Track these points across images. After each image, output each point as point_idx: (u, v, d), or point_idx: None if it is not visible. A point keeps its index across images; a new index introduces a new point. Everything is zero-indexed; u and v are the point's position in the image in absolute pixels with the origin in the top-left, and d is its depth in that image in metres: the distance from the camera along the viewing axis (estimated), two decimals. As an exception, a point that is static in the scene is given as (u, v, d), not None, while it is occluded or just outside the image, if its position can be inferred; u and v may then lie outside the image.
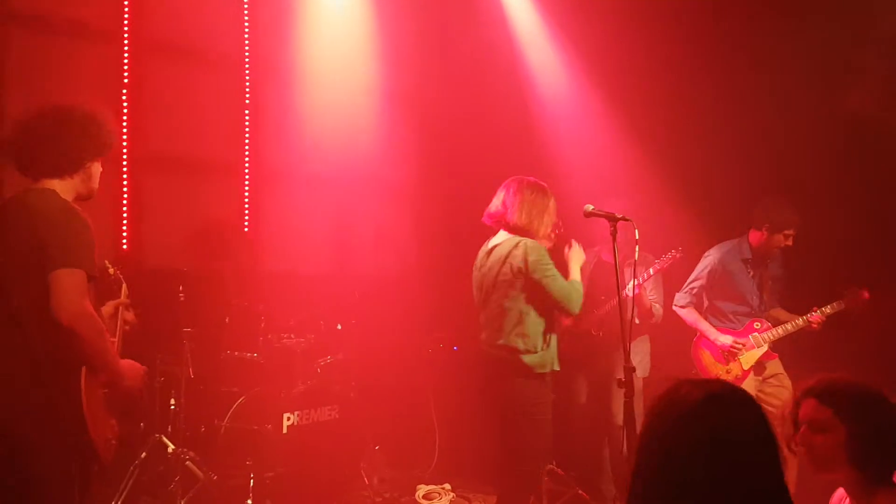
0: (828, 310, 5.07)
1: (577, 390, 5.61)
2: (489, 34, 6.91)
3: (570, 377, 5.48)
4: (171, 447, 5.09)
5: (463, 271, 4.56)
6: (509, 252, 4.16)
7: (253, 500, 4.88)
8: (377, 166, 7.12)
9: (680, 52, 5.97)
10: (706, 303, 5.41)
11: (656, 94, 6.10)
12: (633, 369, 3.78)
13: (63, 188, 3.03)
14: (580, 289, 4.25)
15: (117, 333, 3.32)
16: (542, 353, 4.15)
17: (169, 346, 5.22)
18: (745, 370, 5.17)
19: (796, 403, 2.59)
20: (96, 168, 3.14)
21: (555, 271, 4.14)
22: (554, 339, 4.24)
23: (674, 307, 5.42)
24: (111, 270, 3.54)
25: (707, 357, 5.28)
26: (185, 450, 5.09)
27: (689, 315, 5.37)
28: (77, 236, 2.88)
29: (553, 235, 4.36)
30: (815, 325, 5.08)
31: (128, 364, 3.10)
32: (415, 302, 6.14)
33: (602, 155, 6.24)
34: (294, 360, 5.39)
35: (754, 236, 5.29)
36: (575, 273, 4.31)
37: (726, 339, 5.23)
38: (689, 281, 5.41)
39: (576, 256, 4.38)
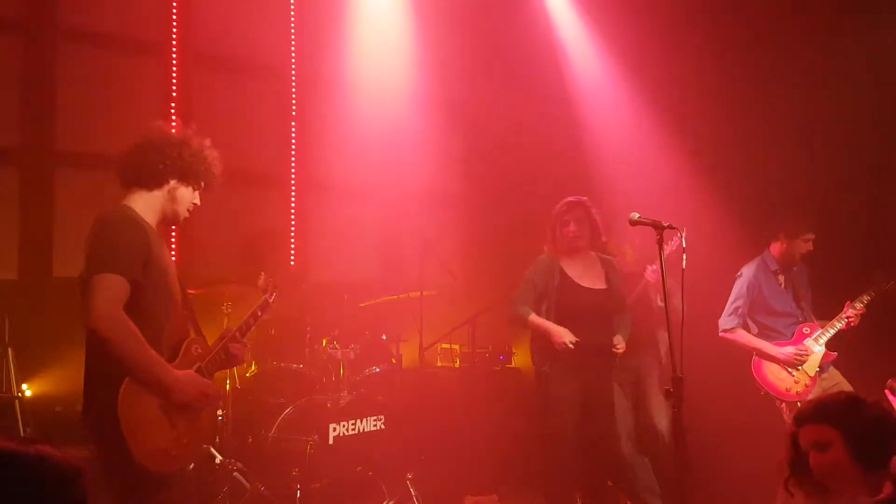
0: (859, 304, 5.13)
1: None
2: (535, 41, 6.87)
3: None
4: (218, 458, 5.13)
5: (509, 280, 4.53)
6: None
7: (300, 511, 4.88)
8: (424, 175, 7.10)
9: (729, 61, 5.94)
10: (752, 325, 5.34)
11: (704, 101, 6.06)
12: (682, 379, 3.69)
13: (144, 204, 3.13)
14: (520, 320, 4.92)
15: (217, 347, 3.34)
16: None
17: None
18: (811, 377, 5.13)
19: (792, 439, 2.65)
20: (183, 192, 3.21)
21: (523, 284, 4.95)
22: None
23: (721, 334, 5.33)
24: (261, 281, 3.64)
25: (772, 374, 5.18)
26: (233, 461, 5.13)
27: (742, 337, 5.29)
28: (118, 243, 2.92)
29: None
30: (853, 321, 5.13)
31: (183, 376, 3.06)
32: (461, 312, 6.09)
33: (650, 160, 6.15)
34: (339, 371, 5.38)
35: (775, 248, 5.37)
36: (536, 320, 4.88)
37: (788, 350, 5.16)
38: (730, 303, 5.36)
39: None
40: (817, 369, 5.14)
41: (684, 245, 3.77)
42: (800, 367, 5.12)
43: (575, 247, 4.96)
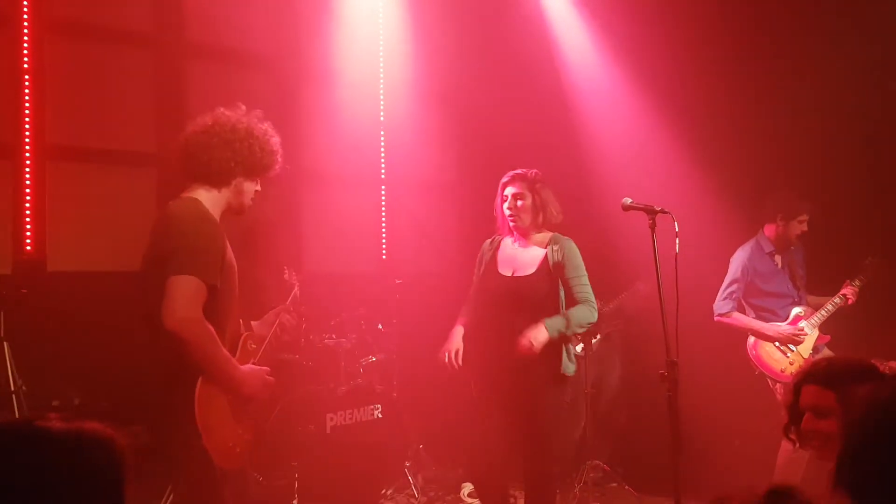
0: (857, 282, 5.23)
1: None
2: (529, 29, 6.85)
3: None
4: (216, 449, 5.14)
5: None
6: None
7: (298, 501, 4.88)
8: (418, 166, 7.10)
9: (721, 44, 5.98)
10: (748, 309, 5.36)
11: (696, 87, 6.07)
12: (676, 363, 3.70)
13: (210, 199, 3.06)
14: None
15: (268, 336, 3.36)
16: None
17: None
18: (806, 358, 5.15)
19: (795, 390, 2.56)
20: (249, 186, 3.17)
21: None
22: None
23: (717, 318, 5.33)
24: (286, 275, 3.62)
25: (767, 355, 5.20)
26: (231, 451, 5.13)
27: (737, 320, 5.29)
28: (200, 244, 2.88)
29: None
30: (850, 299, 5.22)
31: (248, 371, 3.07)
32: (457, 301, 6.09)
33: (642, 149, 6.16)
34: (336, 361, 5.39)
35: (770, 230, 5.38)
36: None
37: (785, 329, 5.18)
38: (724, 287, 5.35)
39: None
40: (811, 351, 5.17)
41: (676, 229, 3.76)
42: (794, 349, 5.14)
43: (515, 227, 4.33)
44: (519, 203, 4.28)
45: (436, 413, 5.92)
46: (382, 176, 7.12)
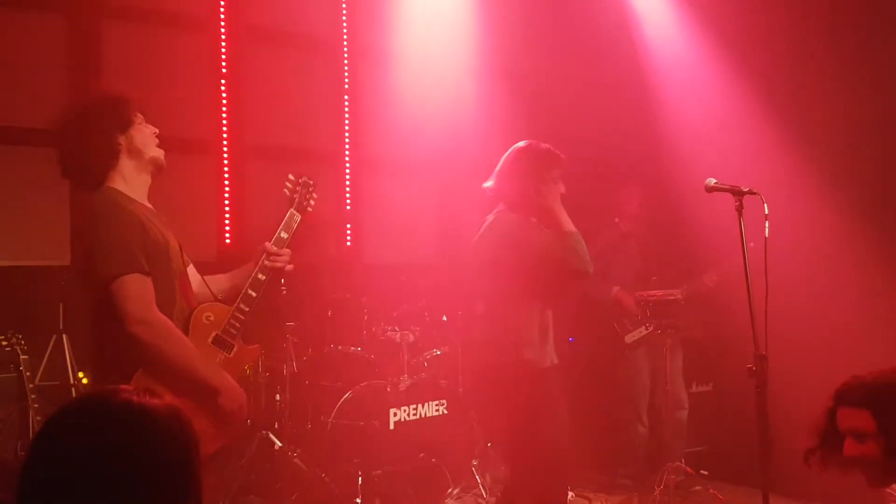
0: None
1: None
2: (602, 3, 6.50)
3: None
4: (277, 444, 5.04)
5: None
6: None
7: (362, 499, 4.74)
8: (482, 150, 6.84)
9: (819, 15, 5.51)
10: None
11: (781, 68, 5.64)
12: (766, 357, 3.43)
13: (123, 179, 2.87)
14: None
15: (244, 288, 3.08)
16: None
17: (272, 340, 5.16)
18: None
19: (829, 414, 2.47)
20: (137, 137, 2.90)
21: None
22: None
23: None
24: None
25: None
26: (292, 447, 5.05)
27: None
28: (115, 241, 2.74)
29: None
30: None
31: (233, 384, 2.89)
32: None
33: (726, 128, 5.77)
34: (399, 354, 5.23)
35: None
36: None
37: None
38: None
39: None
40: None
41: (766, 212, 3.50)
42: None
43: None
44: None
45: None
46: (442, 163, 6.89)
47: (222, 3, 5.79)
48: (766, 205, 3.54)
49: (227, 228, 5.77)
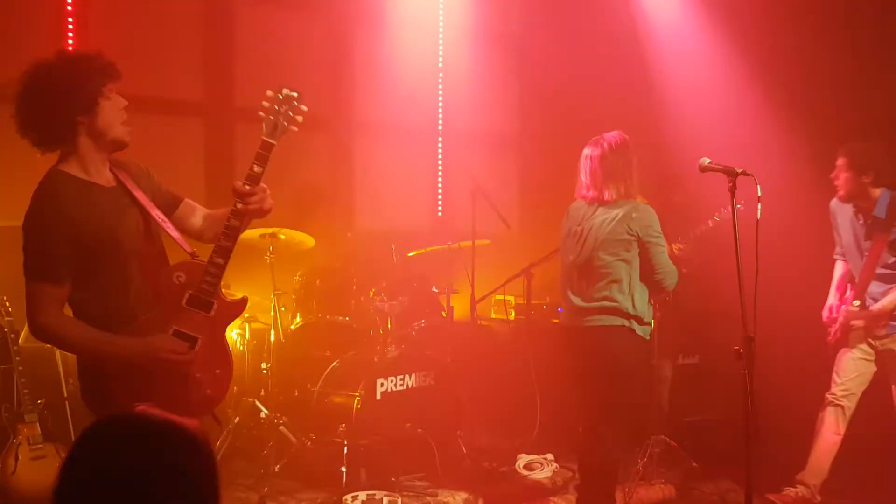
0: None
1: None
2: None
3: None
4: (264, 412, 5.03)
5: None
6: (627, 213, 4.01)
7: (347, 467, 4.74)
8: (477, 117, 6.79)
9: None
10: None
11: (782, 44, 5.59)
12: (753, 339, 3.42)
13: (78, 159, 2.73)
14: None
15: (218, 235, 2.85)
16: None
17: (257, 308, 5.11)
18: None
19: None
20: (101, 116, 2.71)
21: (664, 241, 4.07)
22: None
23: None
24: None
25: None
26: (278, 415, 5.04)
27: None
28: (32, 242, 2.67)
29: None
30: None
31: (139, 345, 2.70)
32: (516, 262, 5.81)
33: (720, 104, 5.70)
34: (387, 324, 5.20)
35: None
36: None
37: None
38: None
39: None
40: None
41: (759, 193, 3.47)
42: None
43: None
44: None
45: (490, 380, 5.68)
46: (440, 127, 6.80)
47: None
48: (759, 186, 3.52)
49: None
